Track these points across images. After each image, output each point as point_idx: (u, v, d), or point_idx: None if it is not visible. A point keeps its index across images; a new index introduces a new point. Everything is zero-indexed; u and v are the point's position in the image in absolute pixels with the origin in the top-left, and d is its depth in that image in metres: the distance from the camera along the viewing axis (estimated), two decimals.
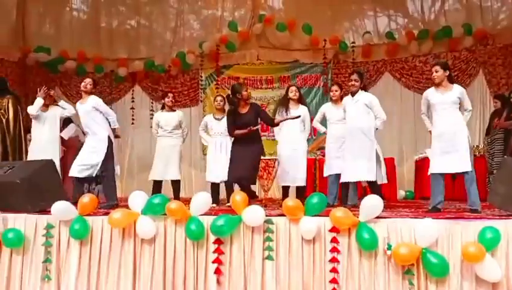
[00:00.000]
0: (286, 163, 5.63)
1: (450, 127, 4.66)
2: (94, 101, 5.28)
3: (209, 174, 6.02)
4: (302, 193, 5.48)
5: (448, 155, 4.63)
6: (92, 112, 5.25)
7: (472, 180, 4.59)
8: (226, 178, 5.56)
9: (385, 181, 5.78)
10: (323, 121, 6.26)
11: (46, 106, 6.09)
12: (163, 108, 6.34)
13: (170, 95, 6.33)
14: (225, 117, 5.94)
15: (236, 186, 5.42)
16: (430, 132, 4.92)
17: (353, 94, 5.26)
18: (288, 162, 5.59)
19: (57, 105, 6.13)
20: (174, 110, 6.33)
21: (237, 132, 5.12)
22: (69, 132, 6.81)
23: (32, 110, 5.94)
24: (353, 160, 5.15)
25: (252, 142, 5.14)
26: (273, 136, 7.77)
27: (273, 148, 7.86)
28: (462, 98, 4.73)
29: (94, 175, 5.26)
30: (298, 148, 5.62)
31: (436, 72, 4.72)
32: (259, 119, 5.29)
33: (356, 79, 5.22)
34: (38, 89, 6.01)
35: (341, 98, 5.81)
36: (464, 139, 4.64)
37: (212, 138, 6.09)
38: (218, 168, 5.82)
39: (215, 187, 5.95)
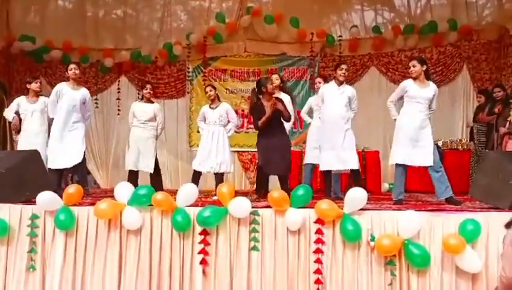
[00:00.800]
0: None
1: (420, 122, 4.77)
2: (86, 93, 5.45)
3: (195, 161, 6.02)
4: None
5: (414, 149, 4.75)
6: (81, 104, 5.31)
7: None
8: (213, 167, 5.61)
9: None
10: (310, 113, 6.37)
11: (36, 97, 6.04)
12: (142, 98, 6.38)
13: (148, 86, 6.31)
14: (220, 106, 6.01)
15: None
16: (395, 120, 5.01)
17: (339, 84, 5.31)
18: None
19: (42, 96, 6.11)
20: (152, 102, 6.34)
21: (261, 121, 5.10)
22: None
23: (7, 116, 6.08)
24: (336, 149, 5.18)
25: (280, 134, 5.19)
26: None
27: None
28: (434, 97, 4.86)
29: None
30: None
31: (414, 66, 4.82)
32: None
33: (347, 68, 5.33)
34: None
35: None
36: (429, 134, 4.78)
37: (207, 126, 6.08)
38: (204, 156, 5.85)
39: (196, 176, 5.92)
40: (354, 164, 5.22)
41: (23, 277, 4.05)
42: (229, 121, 6.07)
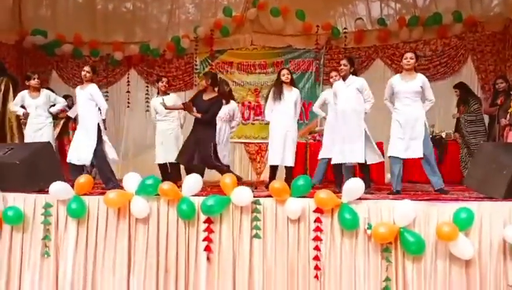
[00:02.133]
0: (276, 144, 5.72)
1: (409, 115, 4.93)
2: (92, 89, 5.41)
3: None
4: (289, 174, 5.62)
5: (404, 141, 4.93)
6: (88, 100, 5.41)
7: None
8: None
9: (382, 159, 5.76)
10: (324, 107, 6.47)
11: (37, 92, 6.12)
12: (158, 93, 6.48)
13: (164, 79, 6.43)
14: (229, 104, 6.33)
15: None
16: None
17: (344, 79, 5.36)
18: (278, 142, 5.69)
19: (48, 89, 6.30)
20: (168, 94, 6.43)
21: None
22: (75, 110, 6.94)
23: (14, 109, 6.24)
24: (345, 143, 5.23)
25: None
26: (263, 119, 7.96)
27: (265, 132, 8.05)
28: (424, 88, 4.97)
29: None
30: (289, 130, 5.71)
31: (411, 58, 4.95)
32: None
33: (345, 64, 5.30)
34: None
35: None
36: (421, 127, 4.91)
37: None
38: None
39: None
40: (362, 157, 5.23)
41: (38, 263, 4.27)
42: (232, 119, 6.27)
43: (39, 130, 6.03)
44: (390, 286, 3.78)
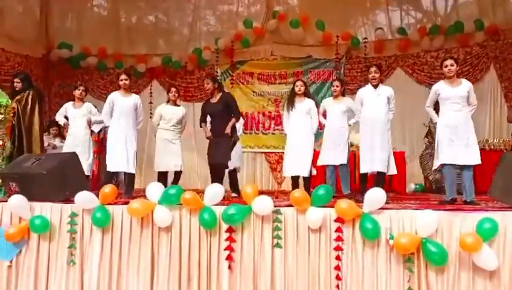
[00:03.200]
0: (292, 154, 5.72)
1: (457, 120, 4.86)
2: (137, 99, 5.85)
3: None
4: (307, 184, 5.60)
5: (458, 147, 4.82)
6: (134, 109, 5.78)
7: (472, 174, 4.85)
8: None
9: (395, 172, 5.84)
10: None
11: (81, 102, 6.35)
12: (168, 102, 6.46)
13: (173, 89, 6.43)
14: None
15: None
16: (435, 123, 5.11)
17: (376, 86, 5.35)
18: (294, 153, 5.68)
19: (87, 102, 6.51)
20: (178, 105, 6.47)
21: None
22: (98, 125, 7.13)
23: (58, 119, 6.48)
24: (374, 150, 5.21)
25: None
26: (283, 129, 8.02)
27: (285, 141, 8.08)
28: (470, 93, 4.94)
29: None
30: (305, 140, 5.68)
31: (452, 65, 4.92)
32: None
33: (376, 71, 5.32)
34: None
35: (342, 93, 6.29)
36: (472, 132, 4.88)
37: None
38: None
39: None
40: (386, 166, 5.24)
41: (64, 271, 4.34)
42: None
43: (78, 140, 6.19)
44: None
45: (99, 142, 7.35)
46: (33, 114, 6.81)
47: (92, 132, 7.21)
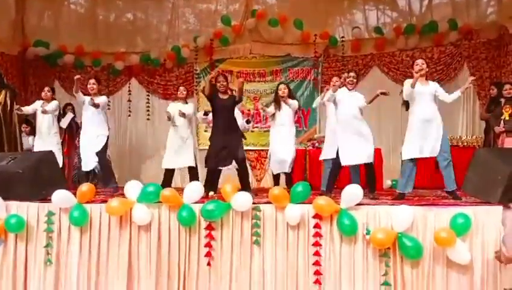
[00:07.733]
0: (277, 153, 6.14)
1: (428, 116, 4.98)
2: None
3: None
4: (290, 179, 6.02)
5: (424, 141, 4.95)
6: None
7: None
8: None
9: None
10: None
11: (47, 101, 6.43)
12: (175, 100, 6.75)
13: (181, 88, 6.70)
14: None
15: None
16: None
17: (350, 89, 5.52)
18: (279, 152, 6.12)
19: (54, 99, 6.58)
20: (187, 103, 6.63)
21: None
22: (66, 120, 7.12)
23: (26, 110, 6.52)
24: (353, 143, 5.33)
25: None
26: (265, 127, 8.18)
27: (265, 139, 8.14)
28: (437, 90, 5.11)
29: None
30: (288, 139, 6.17)
31: (422, 64, 5.06)
32: None
33: (355, 76, 5.57)
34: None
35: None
36: (440, 126, 4.99)
37: None
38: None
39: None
40: (370, 157, 5.38)
41: (42, 271, 4.31)
42: None
43: (46, 137, 6.39)
44: None
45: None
46: (12, 113, 6.76)
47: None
